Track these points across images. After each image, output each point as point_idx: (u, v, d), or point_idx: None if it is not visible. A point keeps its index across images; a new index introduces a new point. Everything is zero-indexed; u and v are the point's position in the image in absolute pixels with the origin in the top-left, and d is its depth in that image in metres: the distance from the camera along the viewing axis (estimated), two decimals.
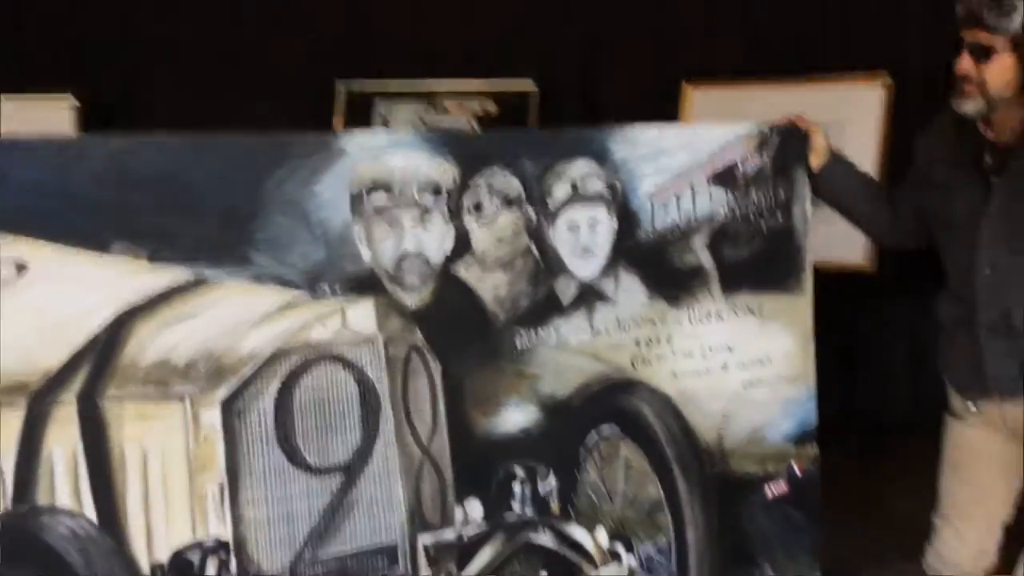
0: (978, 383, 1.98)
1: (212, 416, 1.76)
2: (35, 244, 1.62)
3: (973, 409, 2.04)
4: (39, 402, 1.64)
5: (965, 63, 1.83)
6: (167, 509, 1.74)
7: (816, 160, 2.22)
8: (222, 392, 1.77)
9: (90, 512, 1.70)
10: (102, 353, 1.68)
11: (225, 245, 1.75)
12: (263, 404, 1.80)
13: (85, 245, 1.66)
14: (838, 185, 2.22)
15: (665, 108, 4.66)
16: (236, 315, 1.78)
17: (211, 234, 1.74)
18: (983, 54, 1.81)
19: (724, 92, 4.58)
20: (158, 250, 1.70)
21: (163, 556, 1.74)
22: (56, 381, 1.65)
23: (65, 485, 1.67)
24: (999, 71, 1.81)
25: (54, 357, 1.66)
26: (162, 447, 1.74)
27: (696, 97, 4.62)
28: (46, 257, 1.63)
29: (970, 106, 1.86)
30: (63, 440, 1.67)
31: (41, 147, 1.63)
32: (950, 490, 2.15)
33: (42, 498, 1.67)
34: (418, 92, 4.86)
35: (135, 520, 1.72)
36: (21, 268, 1.61)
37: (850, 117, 4.09)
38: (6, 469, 1.64)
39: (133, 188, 1.67)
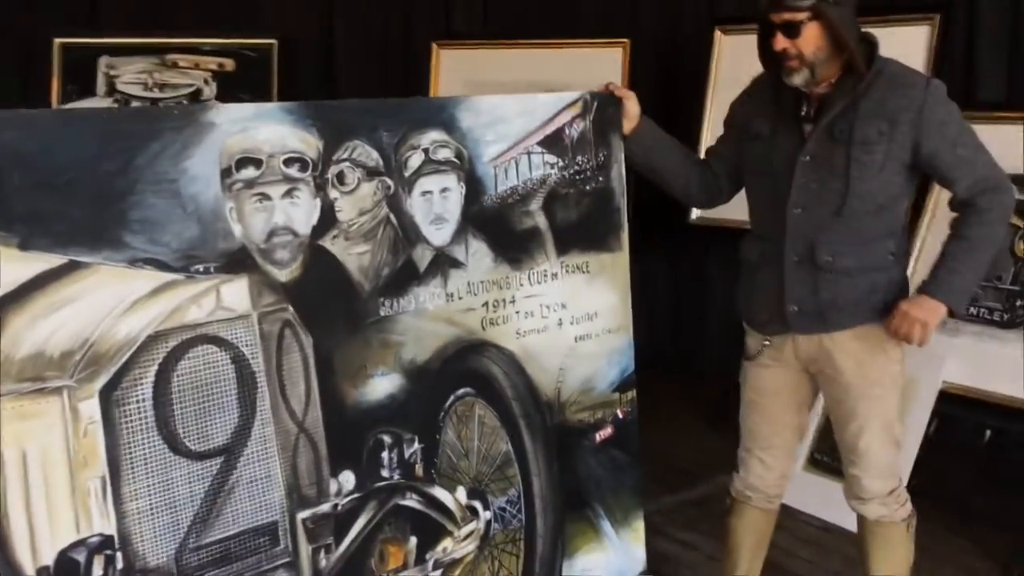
0: (778, 317, 2.36)
1: (91, 407, 1.79)
2: None
3: (767, 343, 2.42)
4: None
5: (780, 42, 2.19)
6: (49, 509, 1.76)
7: (629, 124, 2.53)
8: (100, 382, 1.79)
9: None
10: None
11: (98, 228, 1.76)
12: (141, 391, 1.85)
13: None
14: (648, 147, 2.54)
15: (415, 67, 4.88)
16: (110, 301, 1.80)
17: (84, 217, 1.74)
18: (793, 31, 2.17)
19: (472, 53, 4.87)
20: (30, 236, 1.68)
21: (48, 559, 1.74)
22: None
23: None
24: (810, 40, 2.18)
25: None
26: (42, 446, 1.74)
27: (444, 57, 4.86)
28: None
29: (798, 78, 2.22)
30: None
31: None
32: (751, 426, 2.55)
33: None
34: (146, 47, 4.72)
35: (17, 525, 1.72)
36: None
37: (596, 75, 4.52)
38: None
39: (3, 168, 1.63)
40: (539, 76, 4.58)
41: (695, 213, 4.45)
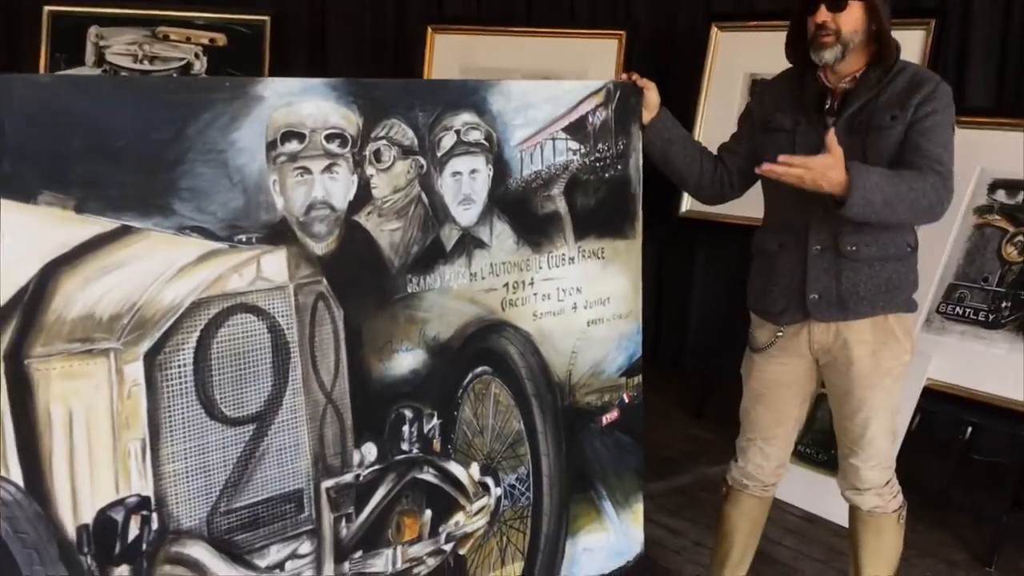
0: (796, 306, 2.45)
1: (135, 370, 1.84)
2: None
3: (780, 333, 2.51)
4: None
5: (823, 14, 2.29)
6: (92, 469, 1.80)
7: (648, 114, 2.61)
8: (145, 345, 1.84)
9: (16, 477, 1.71)
10: (28, 308, 1.70)
11: (150, 194, 1.81)
12: (183, 356, 1.90)
13: (12, 195, 1.65)
14: (666, 139, 2.62)
15: (407, 49, 4.93)
16: (158, 266, 1.85)
17: (136, 183, 1.79)
18: (837, 5, 2.26)
19: (467, 38, 4.93)
20: (85, 200, 1.73)
21: (88, 517, 1.79)
22: None
23: None
24: (852, 19, 2.29)
25: None
26: (87, 405, 1.79)
27: (439, 41, 4.91)
28: None
29: (829, 54, 2.32)
30: None
31: None
32: (754, 417, 2.65)
33: None
34: (137, 19, 4.72)
35: (61, 483, 1.76)
36: None
37: (590, 66, 4.62)
38: None
39: (63, 132, 1.69)
40: (535, 64, 4.66)
41: (684, 206, 4.55)
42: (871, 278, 2.38)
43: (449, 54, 4.89)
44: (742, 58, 4.48)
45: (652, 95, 2.62)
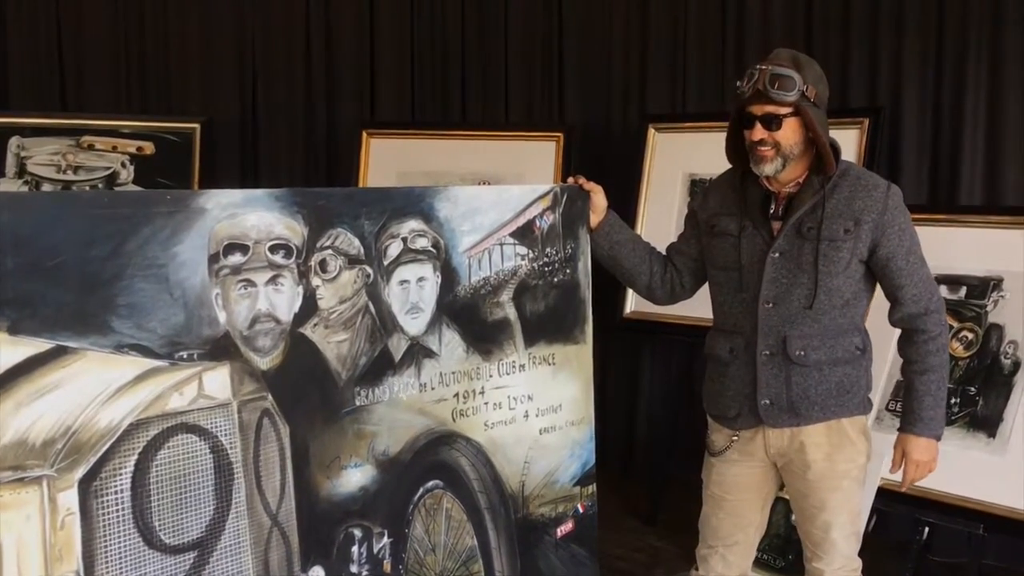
0: (749, 412, 2.47)
1: (70, 498, 1.78)
2: None
3: (736, 438, 2.52)
4: None
5: (759, 132, 2.34)
6: None
7: (596, 217, 2.64)
8: (80, 472, 1.79)
9: None
10: None
11: (87, 312, 1.78)
12: (120, 482, 1.85)
13: None
14: (614, 241, 2.66)
15: (340, 154, 4.97)
16: (94, 387, 1.81)
17: (73, 301, 1.76)
18: (773, 123, 2.32)
19: (403, 142, 4.98)
20: (19, 320, 1.69)
21: None
22: None
23: None
24: (789, 132, 2.35)
25: None
26: (18, 537, 1.72)
27: (374, 146, 4.95)
28: None
29: (769, 167, 2.37)
30: None
31: None
32: (715, 524, 2.64)
33: None
34: (61, 128, 4.69)
35: None
36: None
37: (528, 168, 4.69)
38: None
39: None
40: (474, 167, 4.72)
41: (628, 307, 4.59)
42: (821, 383, 2.41)
43: (385, 158, 4.92)
44: (680, 158, 4.58)
45: (599, 198, 2.66)
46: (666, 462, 4.39)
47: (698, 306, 2.90)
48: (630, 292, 4.39)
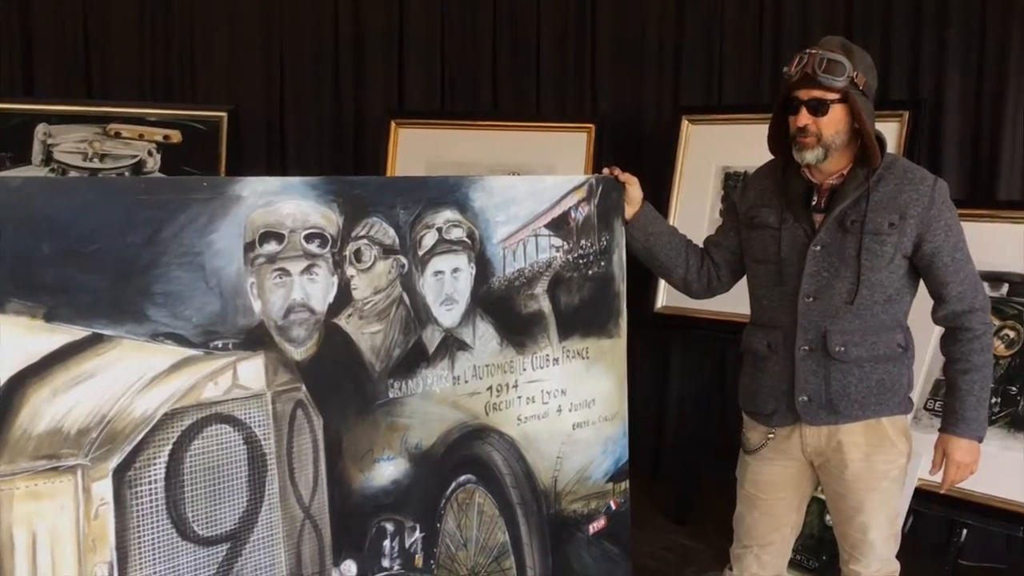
0: (786, 408, 2.46)
1: (104, 488, 1.79)
2: None
3: (772, 435, 2.51)
4: None
5: (804, 117, 2.33)
6: None
7: (631, 209, 2.63)
8: (114, 461, 1.80)
9: None
10: None
11: (123, 300, 1.78)
12: (154, 472, 1.85)
13: None
14: (649, 233, 2.65)
15: (367, 144, 4.98)
16: (130, 376, 1.81)
17: (109, 288, 1.77)
18: (818, 108, 2.31)
19: (431, 132, 4.98)
20: (55, 307, 1.70)
21: None
22: None
23: None
24: (833, 121, 2.33)
25: None
26: (52, 528, 1.73)
27: (403, 136, 4.96)
28: None
29: (810, 155, 2.36)
30: None
31: None
32: (749, 523, 2.62)
33: None
34: (88, 116, 4.71)
35: None
36: None
37: (559, 160, 4.68)
38: None
39: (33, 236, 1.66)
40: (503, 158, 4.71)
41: (659, 302, 4.57)
42: (861, 380, 2.40)
43: (413, 148, 4.93)
44: (714, 151, 4.56)
45: (634, 190, 2.65)
46: (696, 461, 4.37)
47: (730, 301, 2.90)
48: (661, 287, 4.38)
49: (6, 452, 1.67)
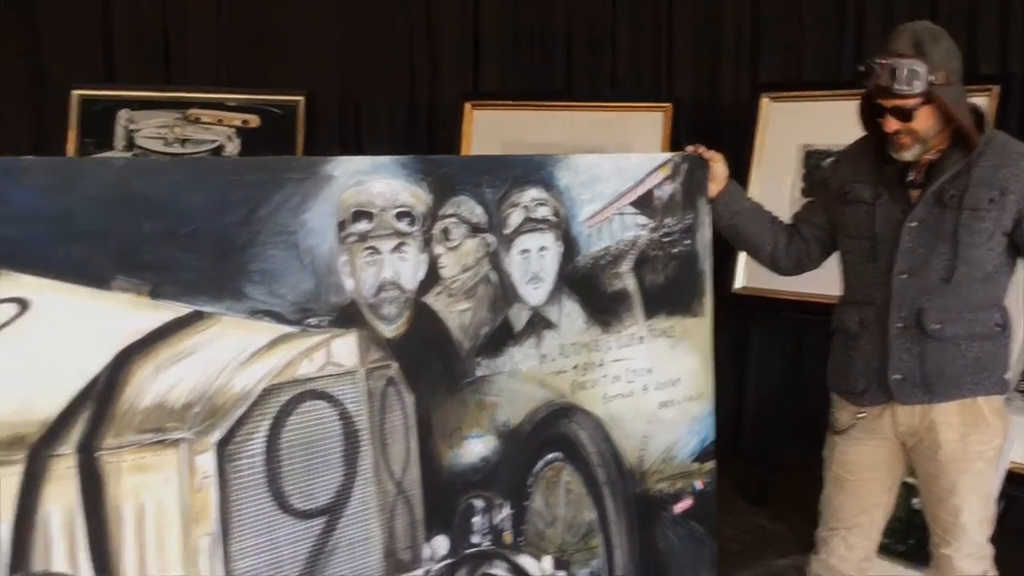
0: (878, 387, 2.45)
1: (206, 461, 1.85)
2: (35, 280, 1.63)
3: (862, 415, 2.50)
4: (37, 456, 1.66)
5: (892, 124, 2.31)
6: (162, 568, 1.79)
7: (715, 187, 2.64)
8: (216, 435, 1.86)
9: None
10: (101, 398, 1.72)
11: (222, 277, 1.84)
12: (253, 446, 1.91)
13: (86, 280, 1.68)
14: (734, 211, 2.65)
15: (441, 126, 5.03)
16: (230, 352, 1.87)
17: (209, 266, 1.82)
18: (905, 115, 2.29)
19: (506, 113, 5.01)
20: (160, 284, 1.76)
21: None
22: (55, 432, 1.67)
23: (61, 547, 1.70)
24: (923, 120, 2.31)
25: (53, 404, 1.68)
26: (158, 500, 1.80)
27: (477, 117, 4.99)
28: (46, 294, 1.64)
29: (909, 154, 2.34)
30: (60, 498, 1.69)
31: (39, 169, 1.64)
32: (837, 505, 2.62)
33: (37, 563, 1.66)
34: (168, 101, 4.83)
35: None
36: (22, 306, 1.61)
37: (635, 140, 4.68)
38: (3, 534, 1.62)
39: (135, 214, 1.73)
40: (579, 139, 4.72)
41: (738, 282, 4.56)
42: (957, 358, 2.38)
43: (488, 130, 4.96)
44: (794, 129, 4.53)
45: (719, 167, 2.66)
46: (775, 442, 4.36)
47: (811, 282, 2.89)
48: (740, 267, 4.36)
49: (114, 426, 1.74)
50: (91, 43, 5.22)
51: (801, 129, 4.52)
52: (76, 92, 4.71)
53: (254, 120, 4.86)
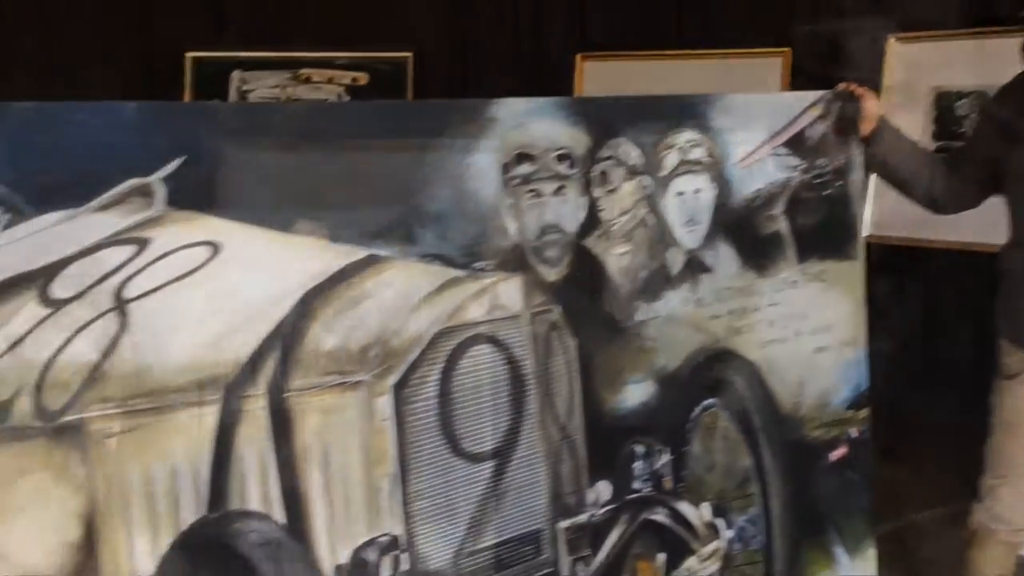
0: None
1: (384, 404, 1.92)
2: (225, 223, 1.71)
3: None
4: (232, 397, 1.74)
5: None
6: (347, 507, 1.87)
7: (867, 126, 2.63)
8: (392, 378, 1.93)
9: (278, 515, 1.80)
10: (288, 340, 1.80)
11: (395, 222, 1.90)
12: (428, 389, 1.98)
13: (271, 223, 1.76)
14: (887, 150, 2.64)
15: (553, 81, 5.05)
16: (403, 295, 1.94)
17: (383, 209, 1.88)
18: None
19: (617, 64, 5.01)
20: (338, 228, 1.83)
21: (344, 557, 1.87)
22: (246, 373, 1.75)
23: (255, 487, 1.78)
24: None
25: (244, 346, 1.75)
26: (342, 440, 1.87)
27: (588, 69, 5.00)
28: (236, 236, 1.72)
29: None
30: (253, 438, 1.77)
31: (229, 113, 1.72)
32: (1006, 451, 2.60)
33: (234, 502, 1.75)
34: (279, 61, 4.94)
35: (319, 521, 1.85)
36: (214, 249, 1.70)
37: (753, 88, 4.65)
38: (202, 473, 1.71)
39: (317, 157, 1.79)
40: (696, 89, 4.71)
41: (866, 230, 4.52)
42: None
43: (601, 82, 4.98)
44: (925, 70, 4.47)
45: (870, 105, 2.65)
46: (905, 393, 4.33)
47: (951, 228, 2.88)
48: (867, 215, 4.32)
49: (300, 368, 1.82)
50: (203, 4, 5.33)
51: (932, 70, 4.45)
52: (189, 55, 4.85)
53: (363, 78, 4.95)
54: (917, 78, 4.50)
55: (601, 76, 5.04)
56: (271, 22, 5.31)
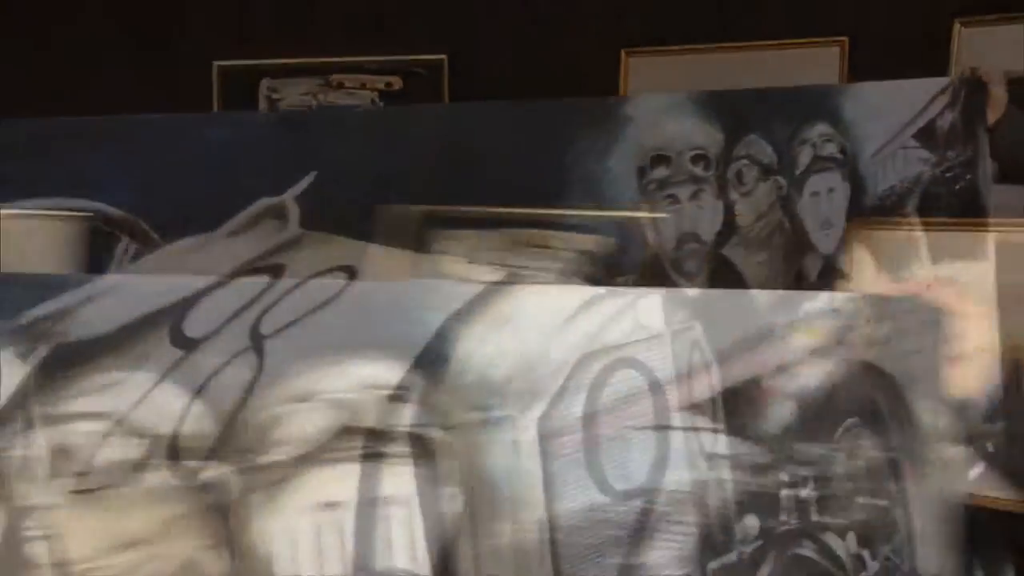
0: None
1: (530, 440, 1.77)
2: (360, 244, 1.57)
3: None
4: (375, 437, 1.59)
5: None
6: (494, 553, 1.73)
7: (994, 113, 2.50)
8: (537, 410, 1.78)
9: (424, 571, 1.65)
10: (429, 372, 1.65)
11: (534, 237, 1.76)
12: (571, 421, 1.83)
13: (405, 243, 1.62)
14: (1015, 139, 2.51)
15: (601, 79, 4.93)
16: (543, 318, 1.79)
17: (519, 222, 1.74)
18: None
19: (663, 59, 4.89)
20: (474, 243, 1.69)
21: None
22: (391, 408, 1.60)
23: (401, 539, 1.63)
24: None
25: (386, 381, 1.61)
26: (488, 483, 1.72)
27: (636, 67, 4.88)
28: (370, 259, 1.58)
29: None
30: (397, 482, 1.62)
31: (358, 119, 1.58)
32: None
33: (380, 559, 1.61)
34: (309, 67, 4.81)
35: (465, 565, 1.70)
36: (350, 275, 1.56)
37: (810, 80, 4.53)
38: (346, 524, 1.57)
39: (452, 165, 1.66)
40: (750, 83, 4.59)
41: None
42: None
43: (647, 79, 4.85)
44: (995, 57, 4.35)
45: (999, 90, 2.53)
46: None
47: None
48: None
49: (441, 403, 1.68)
50: (227, 12, 5.20)
51: (1003, 57, 4.34)
52: (216, 63, 4.73)
53: (397, 82, 4.82)
54: (986, 65, 4.38)
55: (648, 72, 4.91)
56: (297, 28, 5.18)
